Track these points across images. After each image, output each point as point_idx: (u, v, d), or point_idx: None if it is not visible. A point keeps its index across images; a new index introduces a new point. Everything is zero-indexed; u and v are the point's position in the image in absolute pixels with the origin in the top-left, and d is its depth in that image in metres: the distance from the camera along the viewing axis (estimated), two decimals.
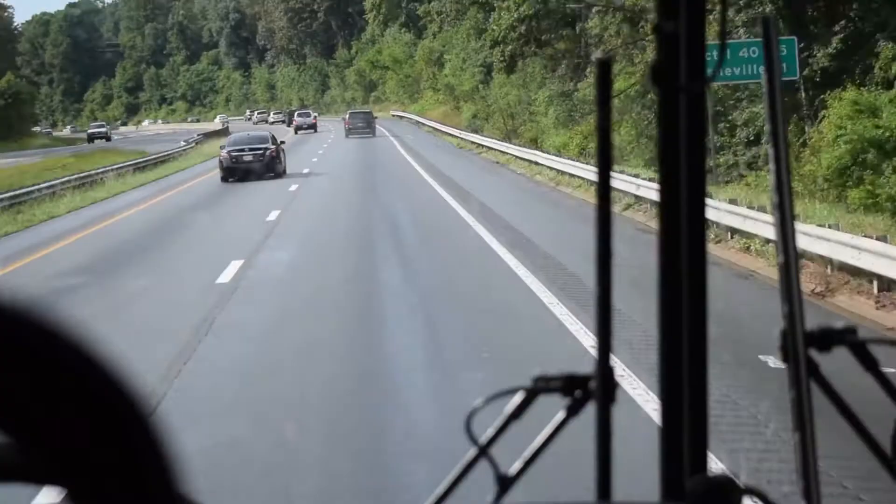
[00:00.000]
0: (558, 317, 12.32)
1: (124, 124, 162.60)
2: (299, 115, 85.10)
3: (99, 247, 21.95)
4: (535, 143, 51.87)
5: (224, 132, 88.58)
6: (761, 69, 1.68)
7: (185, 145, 61.17)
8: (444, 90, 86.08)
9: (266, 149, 36.80)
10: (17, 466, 0.79)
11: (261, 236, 21.08)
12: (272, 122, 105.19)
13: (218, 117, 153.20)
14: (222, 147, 38.36)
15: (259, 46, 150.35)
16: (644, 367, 9.17)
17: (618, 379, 1.49)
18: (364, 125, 68.60)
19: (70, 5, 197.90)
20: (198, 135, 74.44)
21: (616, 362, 1.52)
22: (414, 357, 11.01)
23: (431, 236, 21.00)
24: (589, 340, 10.67)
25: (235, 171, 36.14)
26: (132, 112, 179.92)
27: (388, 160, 46.30)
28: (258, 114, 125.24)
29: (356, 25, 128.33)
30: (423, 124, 79.85)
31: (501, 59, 52.79)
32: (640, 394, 8.70)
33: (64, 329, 0.78)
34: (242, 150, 36.64)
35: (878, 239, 13.21)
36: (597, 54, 1.49)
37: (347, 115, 72.92)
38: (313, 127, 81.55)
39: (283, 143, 39.80)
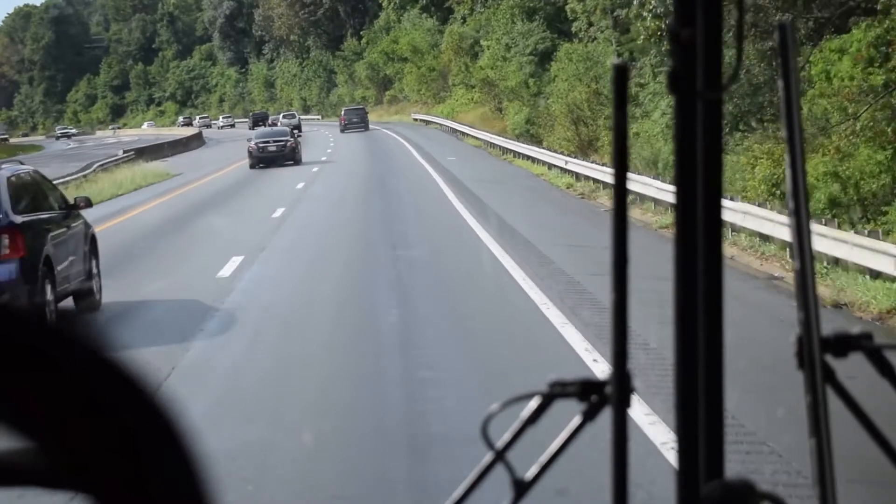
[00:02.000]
0: None
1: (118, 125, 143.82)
2: (285, 116, 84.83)
3: None
4: (654, 167, 32.43)
5: (182, 144, 69.17)
6: None
7: (75, 173, 39.86)
8: (479, 86, 66.66)
9: (287, 141, 45.52)
10: (39, 471, 0.80)
11: None
12: (221, 128, 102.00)
13: (146, 123, 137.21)
14: (249, 140, 47.59)
15: (256, 38, 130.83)
16: None
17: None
18: (358, 120, 73.49)
19: None
20: (123, 152, 51.71)
21: None
22: None
23: None
24: None
25: (262, 159, 44.55)
26: (118, 113, 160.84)
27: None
28: (200, 118, 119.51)
29: (368, 13, 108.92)
30: (464, 133, 59.09)
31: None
32: None
33: (83, 335, 0.80)
34: (267, 142, 45.32)
35: None
36: (613, 60, 1.48)
37: (343, 112, 77.40)
38: (298, 128, 79.85)
39: (300, 135, 50.85)
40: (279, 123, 75.80)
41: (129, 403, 0.80)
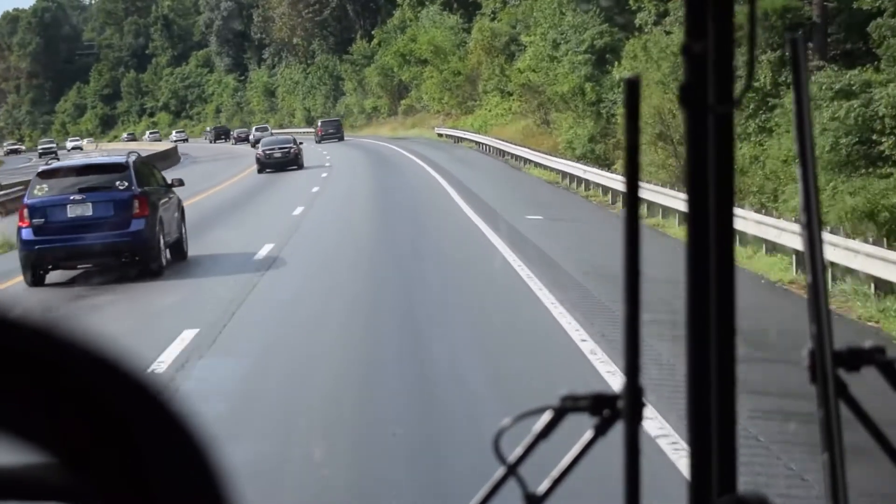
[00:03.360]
0: None
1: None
2: (257, 129, 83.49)
3: None
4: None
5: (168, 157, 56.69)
6: None
7: None
8: (519, 93, 53.89)
9: (290, 148, 49.77)
10: (59, 487, 0.80)
11: None
12: (175, 142, 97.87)
13: (85, 140, 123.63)
14: (256, 148, 53.78)
15: (255, 41, 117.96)
16: None
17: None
18: (333, 131, 76.76)
19: None
20: None
21: None
22: None
23: None
24: None
25: (269, 165, 48.68)
26: (108, 125, 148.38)
27: None
28: (150, 133, 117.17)
29: (380, 12, 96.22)
30: (517, 157, 43.04)
31: None
32: None
33: (98, 348, 0.80)
34: (273, 149, 49.60)
35: None
36: (624, 75, 1.31)
37: (319, 123, 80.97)
38: None
39: (301, 143, 53.43)
40: (251, 137, 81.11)
41: (142, 413, 0.79)
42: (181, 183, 20.55)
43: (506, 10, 64.10)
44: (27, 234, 17.97)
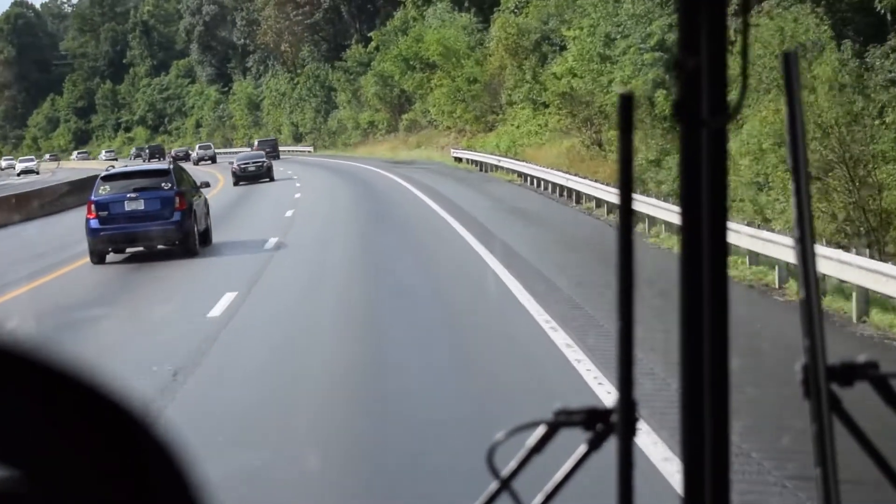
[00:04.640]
0: None
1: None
2: (201, 147, 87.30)
3: None
4: None
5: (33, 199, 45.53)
6: None
7: None
8: (557, 105, 41.55)
9: (263, 162, 53.86)
10: (26, 499, 0.82)
11: None
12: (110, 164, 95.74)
13: (21, 162, 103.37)
14: (231, 163, 56.94)
15: (239, 48, 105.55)
16: None
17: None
18: (271, 150, 75.05)
19: (16, 3, 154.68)
20: None
21: None
22: None
23: None
24: None
25: (244, 177, 52.36)
26: (82, 140, 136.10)
27: None
28: (79, 154, 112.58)
29: (379, 14, 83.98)
30: (637, 215, 25.45)
31: None
32: None
33: (69, 365, 0.82)
34: (248, 163, 53.58)
35: None
36: (618, 90, 1.40)
37: (257, 143, 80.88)
38: (213, 159, 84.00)
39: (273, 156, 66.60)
40: (194, 154, 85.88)
41: (126, 433, 0.81)
42: (207, 185, 26.55)
43: (532, 2, 51.86)
44: (94, 223, 22.67)
